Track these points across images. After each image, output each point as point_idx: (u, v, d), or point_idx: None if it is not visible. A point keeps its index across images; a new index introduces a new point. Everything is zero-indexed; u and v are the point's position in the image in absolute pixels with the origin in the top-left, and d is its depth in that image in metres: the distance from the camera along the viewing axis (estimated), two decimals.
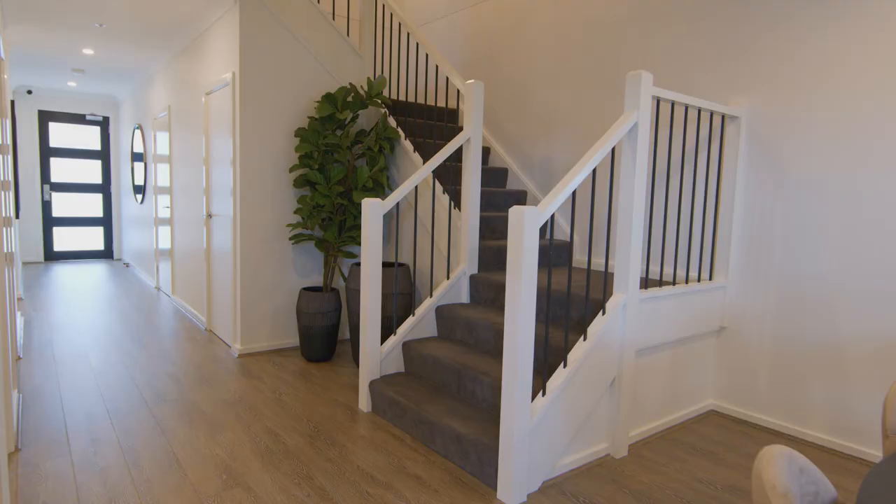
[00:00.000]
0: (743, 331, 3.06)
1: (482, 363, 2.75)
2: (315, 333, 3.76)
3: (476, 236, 3.36)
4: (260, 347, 4.01)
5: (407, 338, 3.16)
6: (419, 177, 3.10)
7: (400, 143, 3.96)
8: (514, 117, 4.38)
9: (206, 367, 3.66)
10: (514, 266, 2.06)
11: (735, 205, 3.03)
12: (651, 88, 2.45)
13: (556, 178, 4.04)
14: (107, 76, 6.83)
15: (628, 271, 2.46)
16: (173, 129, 5.57)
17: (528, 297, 2.07)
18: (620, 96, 3.59)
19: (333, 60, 4.14)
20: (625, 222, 2.46)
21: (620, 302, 2.46)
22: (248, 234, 3.88)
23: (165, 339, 4.32)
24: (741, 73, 3.00)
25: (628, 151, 2.45)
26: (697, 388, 3.10)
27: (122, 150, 8.45)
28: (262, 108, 3.86)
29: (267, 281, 3.99)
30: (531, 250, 2.05)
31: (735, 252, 3.06)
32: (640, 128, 2.41)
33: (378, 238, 2.93)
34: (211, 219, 4.49)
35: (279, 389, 3.29)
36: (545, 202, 2.12)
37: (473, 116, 3.29)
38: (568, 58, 3.94)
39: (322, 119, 3.82)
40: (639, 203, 2.45)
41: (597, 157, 2.28)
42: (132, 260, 8.05)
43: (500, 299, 3.17)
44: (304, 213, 3.81)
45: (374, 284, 2.94)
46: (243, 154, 3.81)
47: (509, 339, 2.10)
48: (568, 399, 2.30)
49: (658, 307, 2.69)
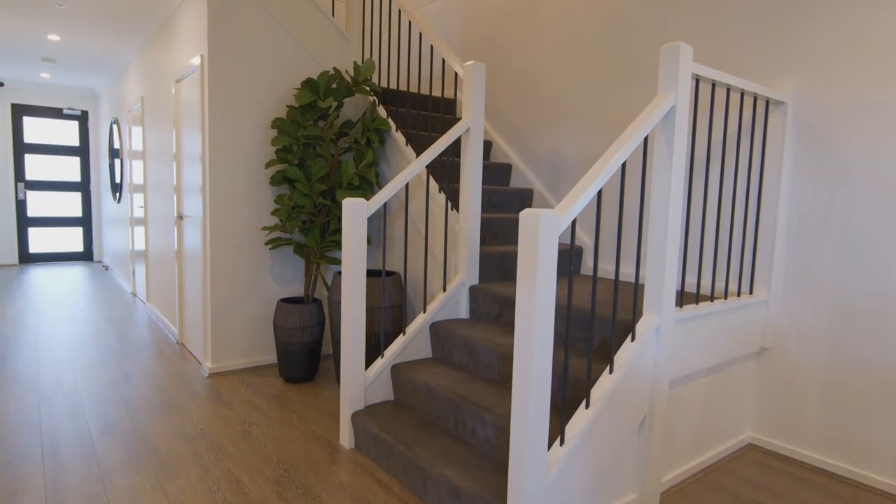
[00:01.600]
0: (788, 352, 2.63)
1: (484, 395, 2.31)
2: (294, 351, 3.32)
3: (476, 241, 2.92)
4: (233, 365, 3.57)
5: (397, 360, 2.72)
6: (411, 173, 2.66)
7: (390, 136, 3.52)
8: (518, 107, 3.94)
9: (170, 391, 3.22)
10: (526, 284, 1.62)
11: (779, 205, 2.59)
12: (691, 64, 2.01)
13: (567, 174, 3.60)
14: (81, 67, 6.38)
15: (662, 287, 2.02)
16: (146, 122, 5.12)
17: (544, 323, 1.63)
18: (643, 80, 3.14)
19: (317, 43, 3.69)
20: (658, 228, 2.02)
21: (653, 324, 2.02)
22: (219, 237, 3.44)
23: (131, 354, 3.88)
24: (788, 50, 2.55)
25: (662, 141, 2.01)
26: (734, 420, 2.67)
27: (101, 146, 7.99)
28: (235, 96, 3.41)
29: (241, 291, 3.55)
30: (548, 265, 1.62)
31: (779, 261, 2.63)
32: (679, 112, 1.97)
33: (361, 245, 2.49)
34: (182, 220, 4.05)
35: (249, 419, 2.85)
36: (565, 204, 1.68)
37: (474, 103, 2.85)
38: (580, 38, 3.49)
39: (302, 108, 3.38)
40: (675, 204, 2.01)
41: (626, 148, 1.84)
42: (112, 262, 7.59)
43: (504, 315, 2.73)
44: (282, 214, 3.36)
45: (357, 298, 2.50)
46: (213, 147, 3.37)
47: (520, 373, 1.67)
48: (591, 446, 1.86)
49: (695, 328, 2.25)
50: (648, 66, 3.11)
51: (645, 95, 3.13)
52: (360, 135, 3.39)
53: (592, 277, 1.68)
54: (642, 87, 3.14)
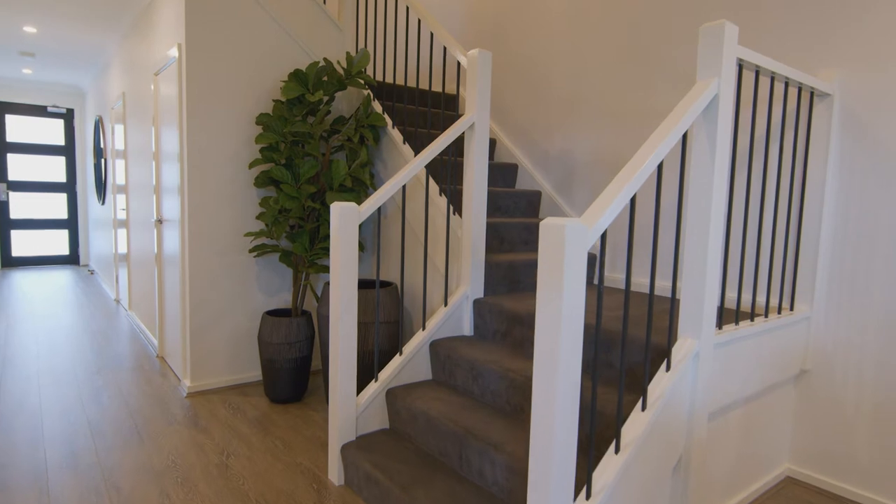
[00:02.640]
0: (832, 374, 2.34)
1: (492, 427, 2.02)
2: (281, 369, 3.02)
3: (482, 250, 2.63)
4: (215, 383, 3.27)
5: (392, 383, 2.42)
6: (409, 173, 2.36)
7: (386, 133, 3.22)
8: (525, 102, 3.65)
9: (143, 413, 2.92)
10: (549, 308, 1.33)
11: (823, 209, 2.30)
12: (736, 47, 1.72)
13: (579, 174, 3.31)
14: (63, 62, 6.07)
15: (702, 305, 1.73)
16: (128, 119, 4.82)
17: (570, 354, 1.34)
18: (666, 71, 2.85)
19: (306, 32, 3.40)
20: (697, 235, 1.73)
21: (691, 350, 1.73)
22: (199, 243, 3.14)
23: (105, 369, 3.58)
24: (834, 35, 2.27)
25: (703, 136, 1.71)
26: (771, 452, 2.37)
27: (87, 145, 7.68)
28: (216, 89, 3.11)
29: (223, 302, 3.25)
30: (575, 286, 1.32)
31: (823, 271, 2.33)
32: (722, 103, 1.68)
33: (352, 255, 2.20)
34: (162, 224, 3.75)
35: (228, 448, 2.55)
36: (594, 213, 1.39)
37: (479, 95, 2.56)
38: (595, 27, 3.20)
39: (289, 102, 3.08)
40: (718, 208, 1.72)
41: (664, 145, 1.54)
42: (98, 267, 7.28)
43: (513, 333, 2.44)
44: (268, 218, 3.07)
45: (348, 317, 2.21)
46: (191, 145, 3.07)
47: (541, 413, 1.37)
48: (621, 496, 1.57)
49: (735, 353, 1.96)
50: (672, 55, 2.82)
51: (669, 88, 2.84)
52: (353, 131, 3.09)
53: (625, 295, 1.38)
54: (666, 79, 2.85)
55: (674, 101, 2.81)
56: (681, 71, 2.78)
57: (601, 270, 1.42)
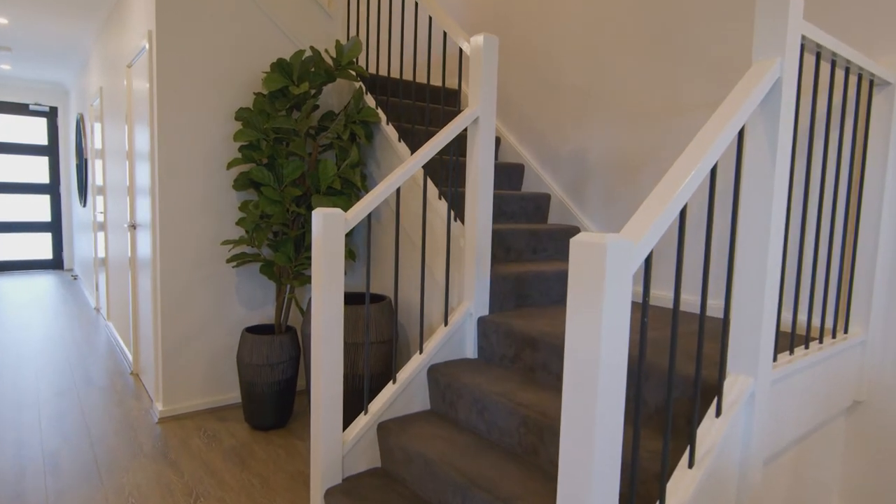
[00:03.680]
0: (888, 405, 2.03)
1: (502, 475, 1.71)
2: (262, 393, 2.71)
3: (487, 260, 2.32)
4: (190, 407, 2.96)
5: (385, 415, 2.11)
6: (403, 174, 2.06)
7: (380, 130, 2.91)
8: (534, 96, 3.34)
9: (108, 443, 2.60)
10: (583, 343, 1.02)
11: (882, 216, 1.99)
12: (802, 22, 1.41)
13: (594, 175, 3.00)
14: (43, 57, 5.76)
15: (759, 335, 1.42)
16: (105, 116, 4.51)
17: (611, 399, 1.03)
18: (694, 61, 2.55)
19: (293, 19, 3.09)
20: (754, 249, 1.42)
21: (745, 391, 1.42)
22: (172, 251, 2.83)
23: (73, 389, 3.26)
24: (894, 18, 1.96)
25: (760, 129, 1.41)
26: (819, 493, 2.07)
27: (71, 144, 7.36)
28: (191, 81, 2.80)
29: (199, 316, 2.94)
30: (618, 316, 1.01)
31: (881, 288, 2.03)
32: (785, 88, 1.38)
33: (337, 269, 1.89)
34: (136, 230, 3.44)
35: (198, 487, 2.24)
36: (639, 225, 1.08)
37: (484, 85, 2.25)
38: (612, 7, 2.89)
39: (271, 95, 2.77)
40: (778, 215, 1.41)
41: (720, 141, 1.24)
42: (81, 272, 6.96)
43: (523, 358, 2.13)
44: (248, 224, 2.76)
45: (329, 345, 1.89)
46: (162, 142, 2.76)
47: (572, 470, 1.07)
48: None
49: (790, 388, 1.65)
50: (702, 39, 2.51)
51: (698, 78, 2.53)
52: (343, 128, 2.78)
53: (672, 327, 1.06)
54: (695, 68, 2.55)
55: (705, 94, 2.51)
56: (713, 58, 2.47)
57: (646, 294, 1.12)
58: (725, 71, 2.42)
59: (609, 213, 2.92)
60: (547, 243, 2.88)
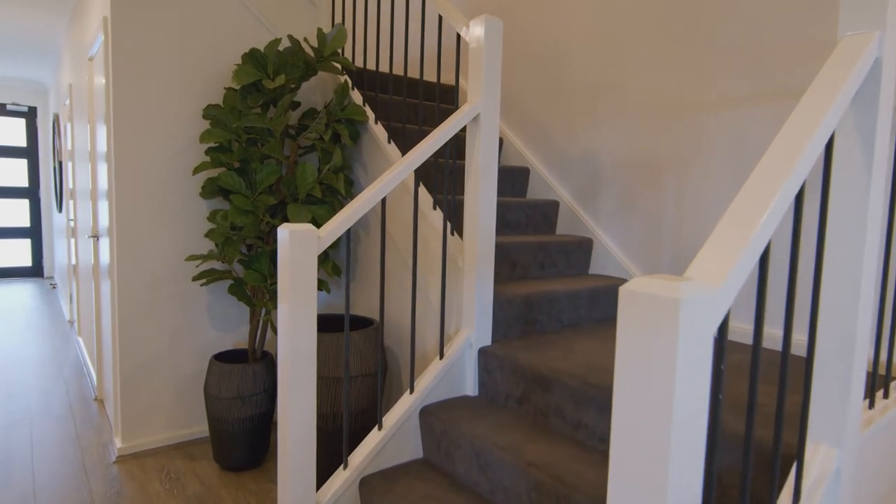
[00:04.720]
0: None
1: None
2: (232, 430, 2.37)
3: (489, 281, 1.98)
4: (153, 443, 2.62)
5: (368, 469, 1.78)
6: (391, 180, 1.72)
7: (367, 130, 2.58)
8: (539, 92, 3.01)
9: (53, 489, 2.26)
10: (645, 423, 0.69)
11: None
12: None
13: (607, 181, 2.67)
14: (15, 53, 5.42)
15: (848, 391, 1.09)
16: (74, 115, 4.17)
17: (683, 491, 0.70)
18: (725, 51, 2.21)
19: (271, 6, 2.76)
20: (844, 280, 1.09)
21: (829, 467, 1.09)
22: (132, 264, 2.49)
23: (28, 419, 2.92)
24: None
25: (850, 130, 1.08)
26: None
27: (49, 146, 7.02)
28: (153, 74, 2.47)
29: (165, 338, 2.60)
30: (695, 392, 0.68)
31: None
32: (885, 72, 1.05)
33: (308, 296, 1.55)
34: (98, 241, 3.10)
35: None
36: (719, 267, 0.74)
37: (486, 76, 1.92)
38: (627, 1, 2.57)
39: (243, 90, 2.44)
40: (871, 244, 1.08)
41: (811, 147, 0.91)
42: (60, 280, 6.62)
43: (532, 400, 1.79)
44: (218, 237, 2.42)
45: (301, 378, 1.56)
46: (120, 142, 2.43)
47: None
48: None
49: (873, 446, 1.32)
50: (732, 27, 2.18)
51: (726, 72, 2.20)
52: (324, 127, 2.45)
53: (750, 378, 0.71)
54: (723, 59, 2.22)
55: (735, 90, 2.18)
56: (746, 48, 2.15)
57: (720, 362, 0.78)
58: (764, 58, 2.09)
59: (625, 222, 2.59)
60: (556, 257, 2.55)
